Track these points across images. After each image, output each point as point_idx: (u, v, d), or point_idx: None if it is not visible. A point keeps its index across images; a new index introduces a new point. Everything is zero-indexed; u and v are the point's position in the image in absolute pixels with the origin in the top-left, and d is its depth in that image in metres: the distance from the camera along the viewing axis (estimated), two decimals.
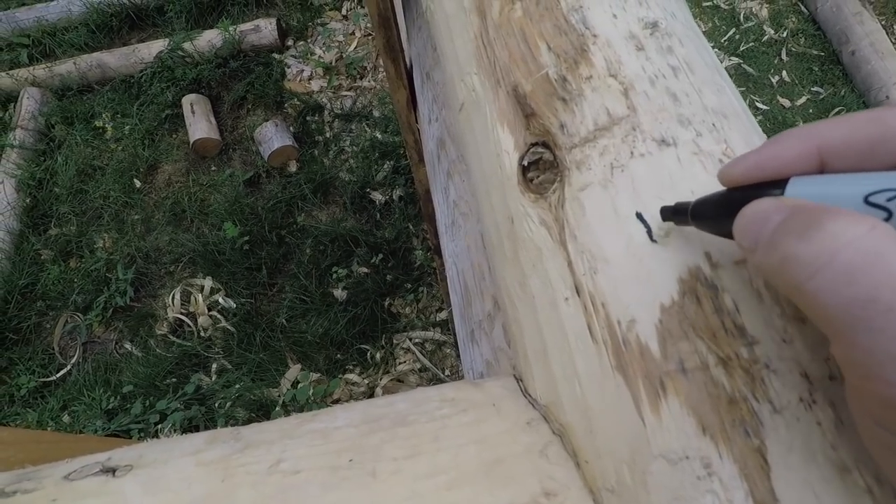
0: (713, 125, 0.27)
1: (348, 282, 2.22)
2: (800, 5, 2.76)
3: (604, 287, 0.25)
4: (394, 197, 2.38)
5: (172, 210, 2.43)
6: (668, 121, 0.27)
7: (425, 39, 0.62)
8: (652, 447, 0.22)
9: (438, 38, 0.40)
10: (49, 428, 2.00)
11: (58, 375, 2.17)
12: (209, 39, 2.65)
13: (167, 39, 2.66)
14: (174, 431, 1.94)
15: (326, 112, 2.62)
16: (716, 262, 0.24)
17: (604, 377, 0.24)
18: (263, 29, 2.68)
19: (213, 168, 2.54)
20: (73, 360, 2.20)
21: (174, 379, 2.09)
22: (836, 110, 2.44)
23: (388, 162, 2.44)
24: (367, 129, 2.56)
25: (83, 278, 2.31)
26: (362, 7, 2.87)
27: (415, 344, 2.15)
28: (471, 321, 0.50)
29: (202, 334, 2.19)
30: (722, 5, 2.80)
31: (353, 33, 2.82)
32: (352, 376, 2.08)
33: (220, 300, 2.23)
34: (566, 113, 0.28)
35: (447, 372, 2.11)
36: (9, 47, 2.86)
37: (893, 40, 2.47)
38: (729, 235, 0.21)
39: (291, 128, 2.55)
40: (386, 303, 2.21)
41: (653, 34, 0.29)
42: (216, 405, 2.03)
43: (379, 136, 2.52)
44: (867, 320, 0.15)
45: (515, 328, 0.31)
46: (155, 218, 2.44)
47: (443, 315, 2.17)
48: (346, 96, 2.67)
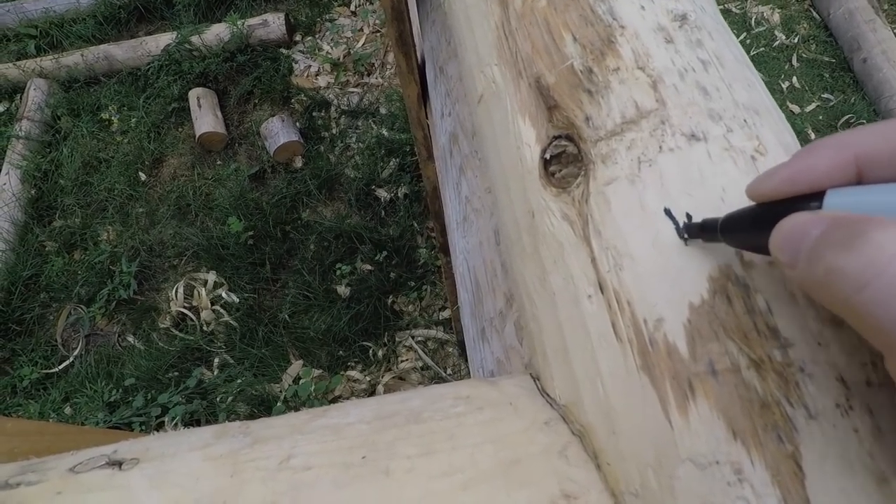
0: (744, 121, 0.26)
1: (352, 278, 2.22)
2: (812, 11, 2.74)
3: (629, 284, 0.24)
4: (399, 194, 2.37)
5: (177, 203, 2.42)
6: (698, 115, 0.26)
7: (439, 33, 0.61)
8: (679, 450, 0.22)
9: (456, 29, 0.39)
10: (51, 419, 2.00)
11: (60, 367, 2.17)
12: (217, 33, 2.65)
13: (175, 32, 2.66)
14: (176, 425, 1.94)
15: (333, 108, 2.62)
16: (748, 262, 0.23)
17: (628, 377, 0.24)
18: (271, 23, 2.67)
19: (219, 162, 2.54)
20: (76, 352, 2.20)
21: (176, 373, 2.09)
22: (846, 118, 2.42)
23: (394, 159, 2.43)
24: (374, 126, 2.56)
25: (87, 270, 2.31)
26: (371, 3, 2.86)
27: (417, 342, 2.14)
28: (481, 319, 0.49)
29: (205, 328, 2.19)
30: (733, 9, 2.78)
31: (362, 29, 2.82)
32: (353, 373, 2.07)
33: (224, 295, 2.23)
34: (592, 105, 0.27)
35: (449, 370, 2.10)
36: (16, 38, 2.87)
37: None
38: (762, 250, 0.20)
39: (298, 123, 2.54)
40: (389, 300, 2.20)
41: (682, 27, 0.29)
42: (218, 399, 2.03)
43: (385, 134, 2.51)
44: None
45: (534, 326, 0.30)
46: (159, 211, 2.43)
47: (446, 314, 2.17)
48: (353, 93, 2.67)
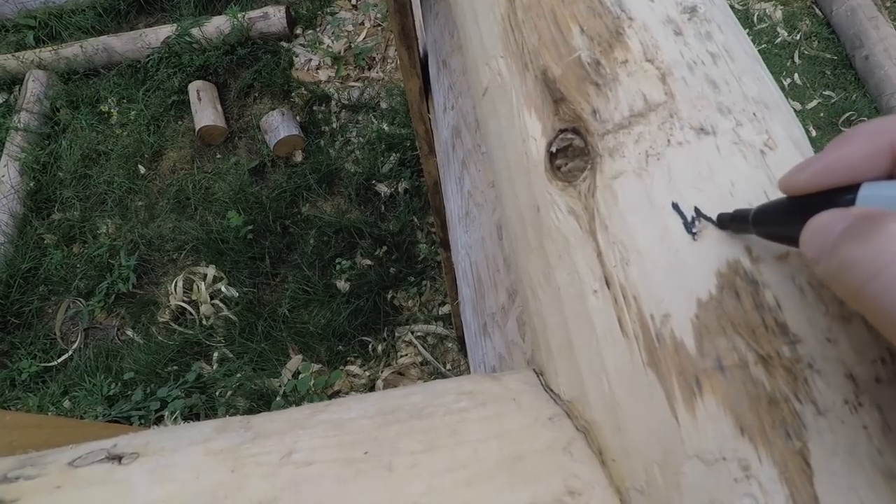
0: (754, 115, 0.26)
1: (351, 273, 2.22)
2: (814, 8, 2.73)
3: (636, 279, 0.24)
4: (399, 189, 2.37)
5: (177, 197, 2.42)
6: (708, 109, 0.26)
7: (442, 26, 0.60)
8: (686, 447, 0.21)
9: (461, 21, 0.39)
10: (50, 413, 2.00)
11: (59, 360, 2.17)
12: (217, 26, 2.63)
13: (175, 25, 2.65)
14: (175, 419, 1.94)
15: (333, 102, 2.61)
16: (756, 257, 0.23)
17: (634, 373, 0.23)
18: (272, 16, 2.66)
19: (219, 156, 2.53)
20: (75, 346, 2.20)
21: (175, 367, 2.09)
22: (847, 115, 2.42)
23: (395, 154, 2.43)
24: (374, 121, 2.55)
25: (86, 264, 2.31)
26: None
27: (417, 337, 2.14)
28: (483, 314, 0.49)
29: (204, 322, 2.19)
30: (735, 6, 2.77)
31: (363, 23, 2.80)
32: (353, 368, 2.07)
33: (223, 289, 2.23)
34: (599, 98, 0.27)
35: (448, 366, 2.10)
36: (15, 29, 2.85)
37: None
38: (794, 243, 0.19)
39: (298, 117, 2.54)
40: (389, 295, 2.20)
41: (691, 19, 0.28)
42: (217, 394, 2.03)
43: (386, 128, 2.51)
44: None
45: (538, 321, 0.30)
46: (159, 205, 2.43)
47: (445, 309, 2.17)
48: (354, 87, 2.66)
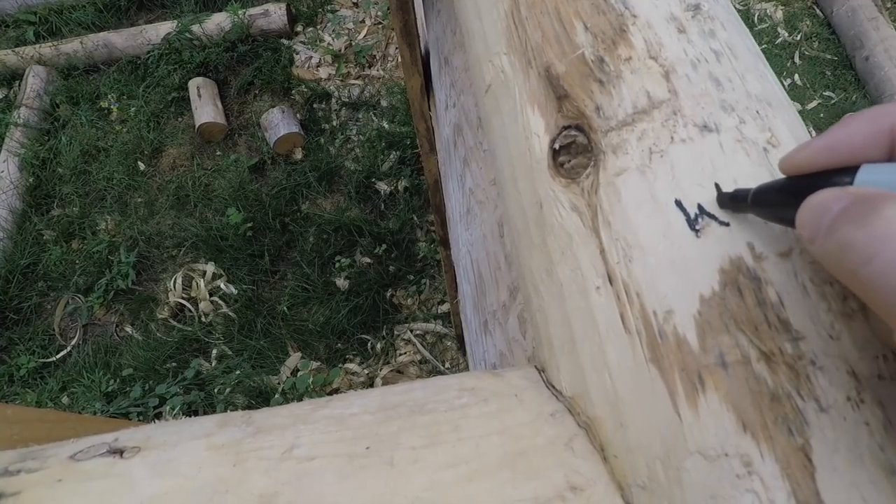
0: (757, 112, 0.26)
1: (351, 271, 2.22)
2: (815, 8, 2.73)
3: (639, 276, 0.24)
4: (399, 188, 2.36)
5: (176, 194, 2.42)
6: (711, 106, 0.26)
7: (444, 23, 0.60)
8: (688, 443, 0.21)
9: (464, 18, 0.39)
10: (48, 409, 2.00)
11: (58, 357, 2.17)
12: (218, 22, 2.63)
13: (175, 21, 2.64)
14: (175, 416, 1.94)
15: (334, 100, 2.61)
16: (759, 254, 0.23)
17: (637, 369, 0.23)
18: (273, 14, 2.66)
19: (219, 153, 2.53)
20: (74, 342, 2.20)
21: (174, 363, 2.09)
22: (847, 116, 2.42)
23: (395, 152, 2.43)
24: (375, 119, 2.55)
25: (85, 260, 2.31)
26: None
27: (416, 335, 2.14)
28: (484, 311, 0.49)
29: (203, 319, 2.18)
30: (736, 6, 2.77)
31: (364, 21, 2.80)
32: (352, 366, 2.07)
33: (222, 286, 2.23)
34: (603, 95, 0.27)
35: (447, 364, 2.10)
36: (15, 24, 2.84)
37: None
38: (791, 224, 0.20)
39: (298, 115, 2.53)
40: (388, 293, 2.20)
41: (694, 17, 0.28)
42: (215, 391, 2.03)
43: (386, 126, 2.50)
44: None
45: (540, 317, 0.30)
46: (158, 201, 2.43)
47: (444, 307, 2.17)
48: (354, 85, 2.65)
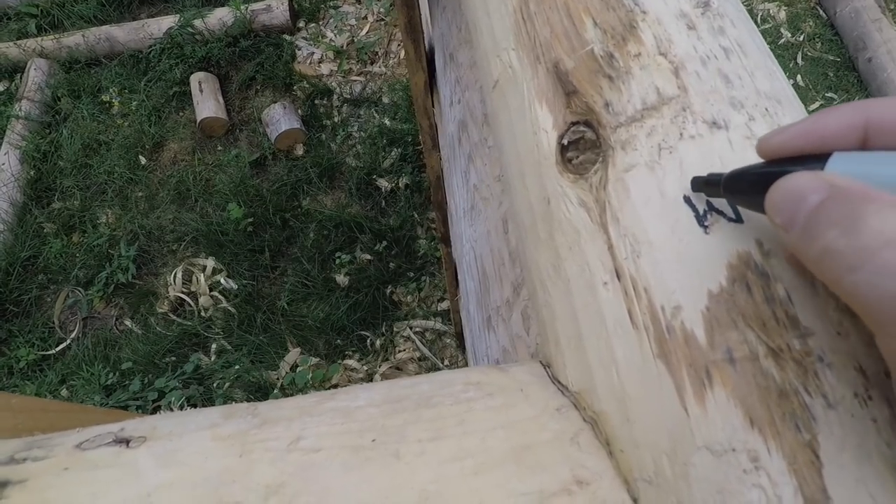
0: (766, 110, 0.26)
1: (351, 268, 2.22)
2: (818, 9, 2.73)
3: (647, 272, 0.24)
4: (400, 185, 2.36)
5: (177, 188, 2.41)
6: (720, 103, 0.26)
7: (450, 19, 0.60)
8: (695, 438, 0.22)
9: (471, 13, 0.39)
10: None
11: (57, 349, 2.17)
12: (220, 17, 2.62)
13: (177, 15, 2.64)
14: (175, 408, 1.94)
15: (335, 96, 2.60)
16: (767, 251, 0.23)
17: (644, 365, 0.24)
18: (275, 9, 2.65)
19: (220, 148, 2.53)
20: (73, 335, 2.20)
21: (173, 358, 2.09)
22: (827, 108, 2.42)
23: (396, 149, 2.42)
24: (376, 116, 2.55)
25: (85, 253, 2.31)
26: None
27: (415, 333, 2.14)
28: (487, 307, 0.49)
29: (203, 314, 2.19)
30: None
31: (366, 18, 2.80)
32: (351, 362, 2.07)
33: (222, 281, 2.23)
34: (612, 91, 0.27)
35: (446, 362, 2.11)
36: (17, 17, 2.84)
37: None
38: (761, 209, 0.20)
39: (300, 111, 2.53)
40: (388, 290, 2.20)
41: (704, 14, 0.28)
42: (214, 385, 2.03)
43: (387, 123, 2.50)
44: None
45: (546, 313, 0.30)
46: (159, 196, 2.42)
47: (444, 305, 2.17)
48: (356, 81, 2.65)
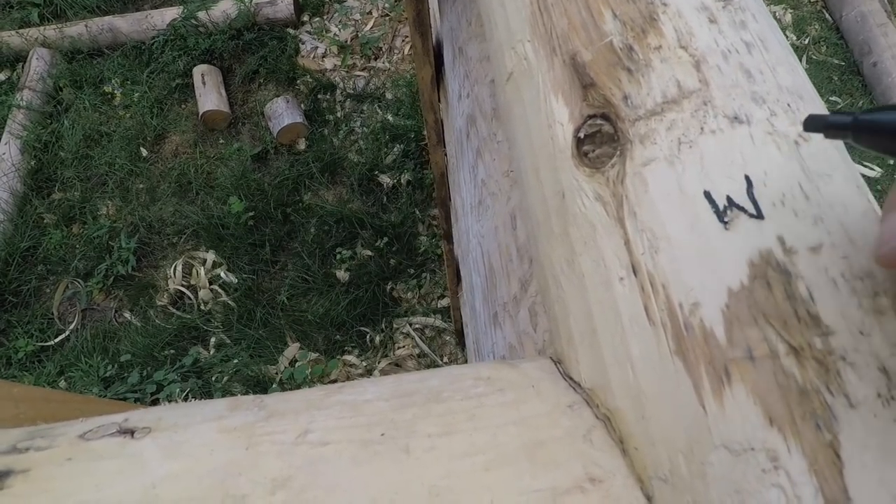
0: (788, 105, 0.25)
1: (351, 263, 2.21)
2: (824, 13, 2.72)
3: (665, 267, 0.24)
4: (402, 181, 2.36)
5: (178, 181, 2.41)
6: (742, 97, 0.25)
7: (460, 13, 0.60)
8: (713, 436, 0.21)
9: (485, 5, 0.38)
10: None
11: (56, 340, 2.17)
12: (224, 10, 2.61)
13: (181, 7, 2.63)
14: (179, 399, 1.93)
15: (339, 91, 2.60)
16: (789, 248, 0.22)
17: (661, 362, 0.23)
18: (279, 2, 2.64)
19: (221, 141, 2.52)
20: (72, 326, 2.20)
21: (172, 350, 2.09)
22: None
23: (399, 145, 2.42)
24: (379, 111, 2.54)
25: (85, 245, 2.30)
26: None
27: (415, 329, 2.14)
28: (494, 303, 0.49)
29: (202, 307, 2.18)
30: None
31: (370, 13, 2.79)
32: (350, 358, 2.07)
33: (222, 274, 2.22)
34: (631, 84, 0.27)
35: (446, 359, 2.10)
36: (20, 5, 2.83)
37: None
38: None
39: (302, 105, 2.52)
40: (388, 287, 2.20)
41: (725, 7, 0.28)
42: (213, 379, 2.03)
43: (390, 119, 2.50)
44: None
45: (559, 308, 0.29)
46: (160, 188, 2.42)
47: (444, 302, 2.16)
48: (360, 76, 2.64)
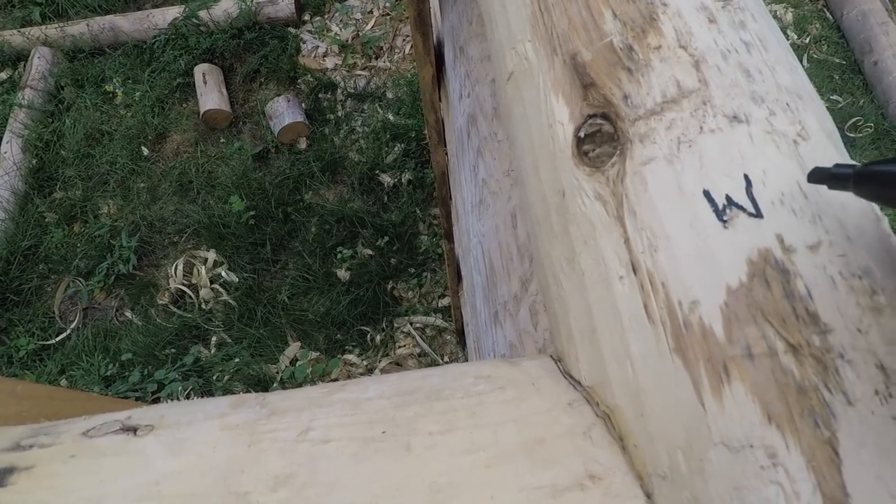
0: (787, 105, 0.26)
1: (352, 262, 2.21)
2: (825, 12, 2.72)
3: (664, 266, 0.24)
4: (402, 180, 2.36)
5: (179, 180, 2.41)
6: (741, 97, 0.25)
7: (461, 12, 0.60)
8: (712, 433, 0.21)
9: (486, 5, 0.39)
10: None
11: (57, 339, 2.17)
12: (225, 9, 2.61)
13: (182, 6, 2.63)
14: (181, 398, 1.94)
15: (339, 90, 2.60)
16: (788, 246, 0.23)
17: (660, 359, 0.23)
18: (281, 2, 2.64)
19: (223, 140, 2.52)
20: (73, 325, 2.20)
21: (173, 349, 2.09)
22: (853, 121, 2.42)
23: (399, 144, 2.42)
24: (380, 111, 2.54)
25: (86, 243, 2.30)
26: None
27: (415, 328, 2.14)
28: (495, 302, 0.49)
29: (203, 307, 2.18)
30: None
31: (371, 12, 2.79)
32: (351, 357, 2.07)
33: (223, 273, 2.23)
34: (631, 83, 0.27)
35: (446, 358, 2.11)
36: (22, 4, 2.83)
37: None
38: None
39: (303, 104, 2.52)
40: (389, 286, 2.20)
41: (725, 7, 0.28)
42: (214, 378, 2.03)
43: (391, 118, 2.50)
44: None
45: (559, 307, 0.29)
46: (161, 187, 2.42)
47: (445, 301, 2.17)
48: (361, 76, 2.64)
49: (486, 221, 0.50)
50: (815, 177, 0.23)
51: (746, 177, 0.24)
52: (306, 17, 2.79)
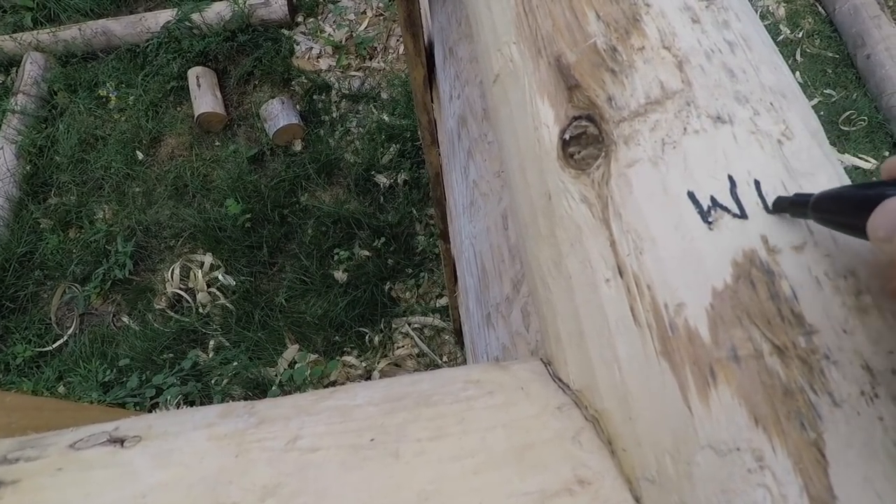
0: (771, 104, 0.25)
1: (349, 264, 2.21)
2: (817, 6, 2.72)
3: (650, 268, 0.24)
4: (398, 181, 2.36)
5: (174, 184, 2.40)
6: (725, 97, 0.25)
7: (450, 13, 0.60)
8: (699, 437, 0.21)
9: (472, 6, 0.38)
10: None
11: (54, 346, 2.16)
12: (218, 11, 2.61)
13: (175, 9, 2.62)
14: (177, 406, 1.93)
15: (334, 92, 2.59)
16: (773, 247, 0.22)
17: (647, 363, 0.23)
18: (273, 3, 2.64)
19: (217, 143, 2.52)
20: (70, 331, 2.19)
21: (171, 354, 2.09)
22: (847, 114, 2.42)
23: (395, 145, 2.41)
24: (375, 111, 2.54)
25: (82, 249, 2.29)
26: None
27: (414, 329, 2.14)
28: (487, 304, 0.49)
29: (200, 311, 2.18)
30: None
31: (365, 12, 2.78)
32: (349, 359, 2.07)
33: (220, 277, 2.22)
34: (615, 85, 0.27)
35: (445, 358, 2.10)
36: (13, 9, 2.81)
37: None
38: (854, 231, 0.19)
39: (298, 106, 2.52)
40: (386, 287, 2.20)
41: (708, 7, 0.28)
42: (213, 382, 2.03)
43: (386, 119, 2.49)
44: None
45: (547, 310, 0.29)
46: (156, 191, 2.41)
47: (443, 301, 2.16)
48: (355, 76, 2.64)
49: (478, 223, 0.50)
50: (778, 206, 0.23)
51: (731, 177, 0.24)
52: (300, 19, 2.78)
